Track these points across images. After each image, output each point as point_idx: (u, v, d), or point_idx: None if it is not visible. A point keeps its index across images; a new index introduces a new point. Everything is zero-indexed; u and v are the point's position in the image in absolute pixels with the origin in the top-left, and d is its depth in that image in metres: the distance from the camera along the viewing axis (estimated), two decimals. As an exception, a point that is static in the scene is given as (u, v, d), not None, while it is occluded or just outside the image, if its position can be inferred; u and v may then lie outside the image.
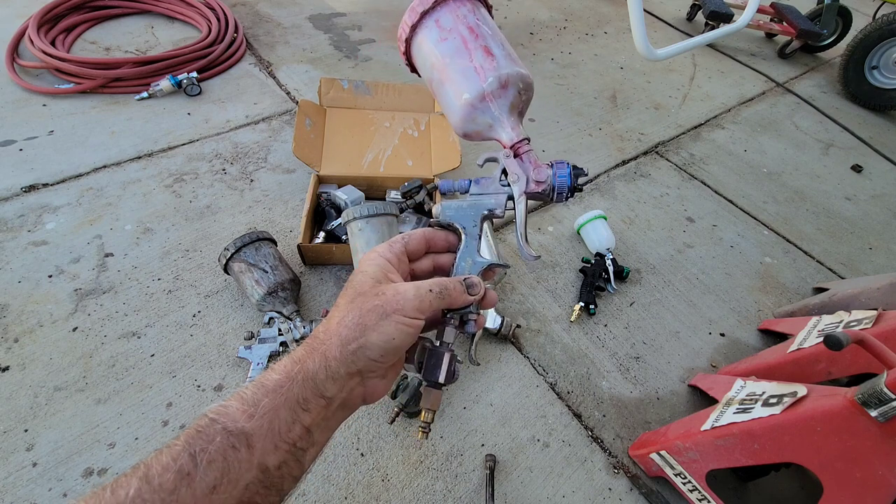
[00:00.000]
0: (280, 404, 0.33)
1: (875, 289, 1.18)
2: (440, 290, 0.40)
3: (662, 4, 3.12)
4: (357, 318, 0.37)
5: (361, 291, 0.38)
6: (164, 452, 0.30)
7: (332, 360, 0.36)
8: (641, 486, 0.98)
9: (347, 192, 1.31)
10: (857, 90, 2.43)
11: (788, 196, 1.81)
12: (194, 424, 0.32)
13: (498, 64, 0.49)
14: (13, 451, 0.87)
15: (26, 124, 1.47)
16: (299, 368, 0.35)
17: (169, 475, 0.29)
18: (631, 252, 1.46)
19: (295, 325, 1.05)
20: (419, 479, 0.93)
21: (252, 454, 0.31)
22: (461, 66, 0.50)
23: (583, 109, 2.02)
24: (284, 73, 1.87)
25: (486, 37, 0.50)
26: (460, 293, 0.42)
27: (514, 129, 0.51)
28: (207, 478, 0.29)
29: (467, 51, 0.49)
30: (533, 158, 0.50)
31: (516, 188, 0.49)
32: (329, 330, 0.37)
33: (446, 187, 0.52)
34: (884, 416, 0.65)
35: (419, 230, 0.46)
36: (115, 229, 1.24)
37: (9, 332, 1.02)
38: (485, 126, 0.51)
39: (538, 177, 0.49)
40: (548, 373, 1.13)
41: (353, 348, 0.36)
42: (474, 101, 0.49)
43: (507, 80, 0.49)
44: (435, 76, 0.52)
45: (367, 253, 0.43)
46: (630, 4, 1.46)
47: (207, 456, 0.30)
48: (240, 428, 0.31)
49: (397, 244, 0.43)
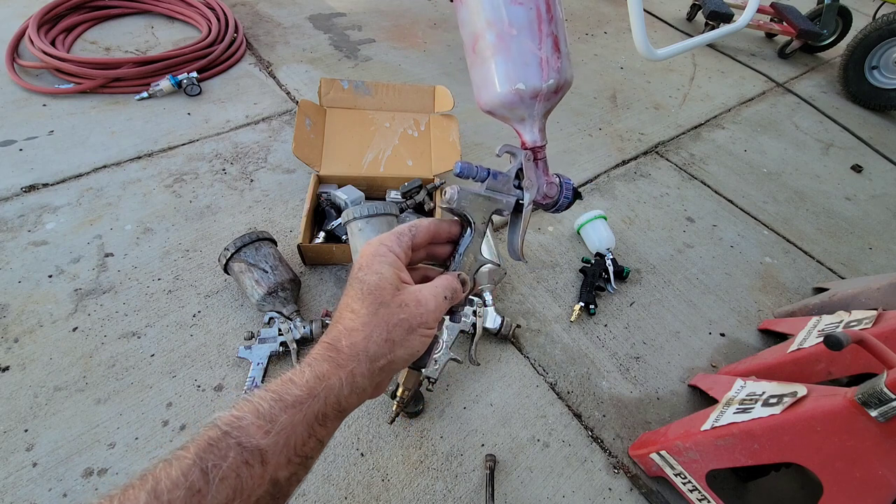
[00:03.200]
0: (298, 421, 0.32)
1: (875, 289, 1.18)
2: (451, 294, 0.41)
3: (662, 4, 3.12)
4: (385, 335, 0.36)
5: (383, 301, 0.37)
6: (173, 465, 0.28)
7: (358, 377, 0.35)
8: (641, 486, 0.98)
9: (347, 192, 1.31)
10: (857, 90, 2.43)
11: (788, 196, 1.81)
12: (205, 435, 0.30)
13: (563, 65, 0.45)
14: (13, 451, 0.87)
15: (26, 124, 1.47)
16: (324, 386, 0.34)
17: (179, 492, 0.27)
18: (631, 252, 1.45)
19: (295, 325, 1.05)
20: (419, 479, 0.93)
21: (265, 470, 0.30)
22: (527, 48, 0.43)
23: (583, 109, 2.02)
24: (284, 73, 1.87)
25: (558, 22, 0.45)
26: (461, 293, 0.42)
27: (541, 131, 0.48)
28: (219, 496, 0.28)
29: (539, 33, 0.43)
30: (546, 168, 0.49)
31: (527, 195, 0.47)
32: (355, 345, 0.35)
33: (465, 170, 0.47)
34: (884, 416, 0.65)
35: (426, 221, 0.44)
36: (115, 229, 1.24)
37: (9, 332, 1.02)
38: (516, 117, 0.48)
39: (549, 192, 0.48)
40: (548, 373, 1.13)
41: (381, 364, 0.36)
42: (527, 94, 0.45)
43: (563, 86, 0.46)
44: (488, 38, 0.44)
45: (373, 243, 0.40)
46: (630, 4, 1.46)
47: (220, 473, 0.29)
48: (255, 444, 0.30)
49: (405, 237, 0.41)
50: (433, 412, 1.02)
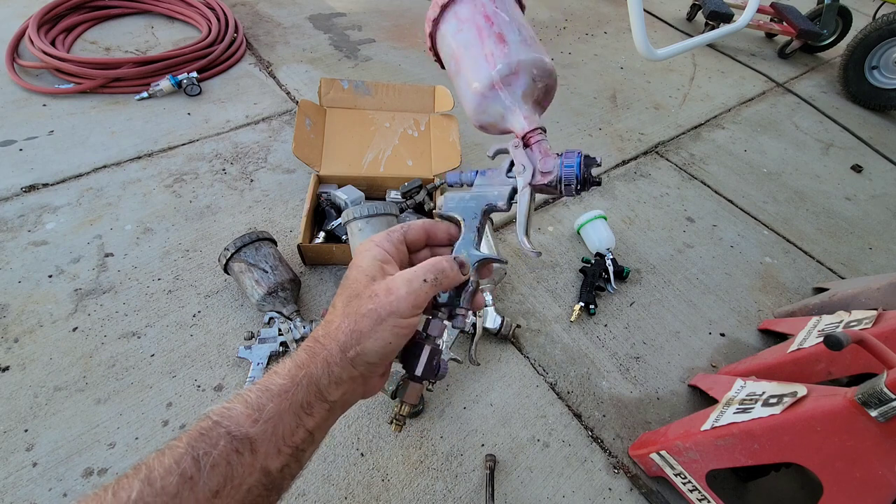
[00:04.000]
0: (285, 409, 0.33)
1: (875, 289, 1.18)
2: (435, 275, 0.38)
3: (662, 4, 3.12)
4: (353, 325, 0.36)
5: (356, 293, 0.37)
6: (165, 454, 0.30)
7: (334, 366, 0.35)
8: (641, 486, 0.98)
9: (347, 192, 1.31)
10: (857, 90, 2.42)
11: (788, 196, 1.81)
12: (197, 426, 0.31)
13: (509, 50, 0.47)
14: (13, 451, 0.87)
15: (26, 124, 1.47)
16: (304, 374, 0.35)
17: (172, 478, 0.28)
18: (631, 252, 1.45)
19: (295, 325, 1.05)
20: (419, 479, 0.93)
21: (255, 459, 0.31)
22: (473, 54, 0.48)
23: (583, 109, 2.02)
24: (284, 73, 1.87)
25: (501, 23, 0.48)
26: (456, 273, 0.41)
27: (527, 118, 0.48)
28: (210, 482, 0.29)
29: (480, 39, 0.48)
30: (544, 148, 0.47)
31: (520, 180, 0.47)
32: (328, 335, 0.37)
33: (453, 179, 0.51)
34: (884, 416, 0.65)
35: (418, 222, 0.45)
36: (115, 229, 1.24)
37: (9, 332, 1.02)
38: (497, 116, 0.49)
39: (544, 167, 0.46)
40: (548, 373, 1.13)
41: (351, 355, 0.36)
42: (484, 89, 0.48)
43: (517, 67, 0.47)
44: (452, 66, 0.51)
45: (363, 242, 0.41)
46: (630, 4, 1.46)
47: (211, 460, 0.30)
48: (244, 433, 0.31)
49: (396, 233, 0.42)
50: (433, 412, 1.02)
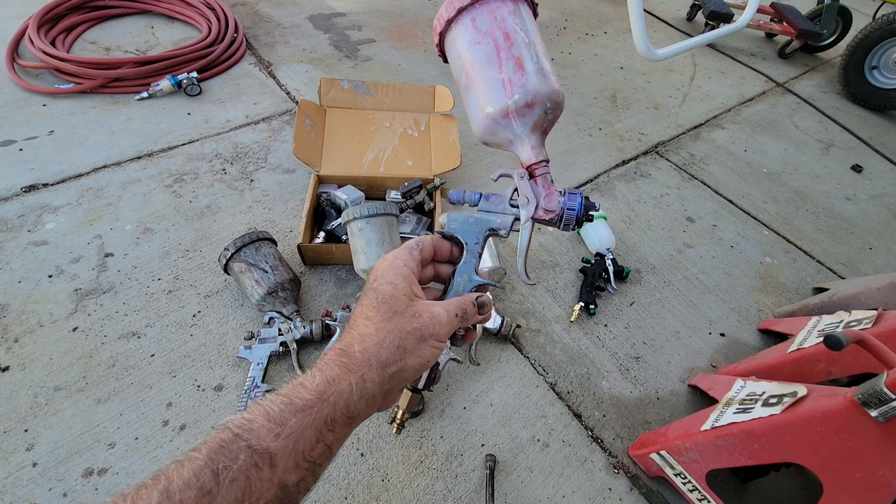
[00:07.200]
0: (307, 425, 0.33)
1: (875, 289, 1.18)
2: (462, 313, 0.41)
3: (662, 4, 3.12)
4: (398, 342, 0.37)
5: (398, 310, 0.38)
6: (185, 465, 0.29)
7: (368, 382, 0.35)
8: (641, 486, 0.98)
9: (347, 192, 1.31)
10: (857, 90, 2.43)
11: (788, 196, 1.81)
12: (217, 437, 0.31)
13: (527, 80, 0.47)
14: (13, 451, 0.87)
15: (26, 124, 1.47)
16: (333, 391, 0.34)
17: (190, 492, 0.28)
18: (631, 252, 1.45)
19: (295, 325, 1.05)
20: (419, 479, 0.93)
21: (274, 474, 0.31)
22: (490, 75, 0.47)
23: (583, 109, 2.02)
24: (284, 73, 1.87)
25: (520, 46, 0.48)
26: (475, 314, 0.43)
27: (534, 148, 0.49)
28: (229, 497, 0.29)
29: (498, 60, 0.47)
30: (548, 183, 0.48)
31: (524, 212, 0.47)
32: (367, 350, 0.36)
33: (456, 197, 0.51)
34: (884, 416, 0.65)
35: (428, 237, 0.46)
36: (115, 229, 1.24)
37: (9, 332, 1.02)
38: (504, 140, 0.50)
39: (548, 205, 0.47)
40: (548, 373, 1.13)
41: (391, 371, 0.36)
42: (497, 115, 0.48)
43: (534, 99, 0.47)
44: (463, 79, 0.50)
45: (387, 258, 0.42)
46: (630, 4, 1.46)
47: (231, 474, 0.29)
48: (264, 447, 0.31)
49: (416, 251, 0.43)
50: (433, 412, 1.02)
